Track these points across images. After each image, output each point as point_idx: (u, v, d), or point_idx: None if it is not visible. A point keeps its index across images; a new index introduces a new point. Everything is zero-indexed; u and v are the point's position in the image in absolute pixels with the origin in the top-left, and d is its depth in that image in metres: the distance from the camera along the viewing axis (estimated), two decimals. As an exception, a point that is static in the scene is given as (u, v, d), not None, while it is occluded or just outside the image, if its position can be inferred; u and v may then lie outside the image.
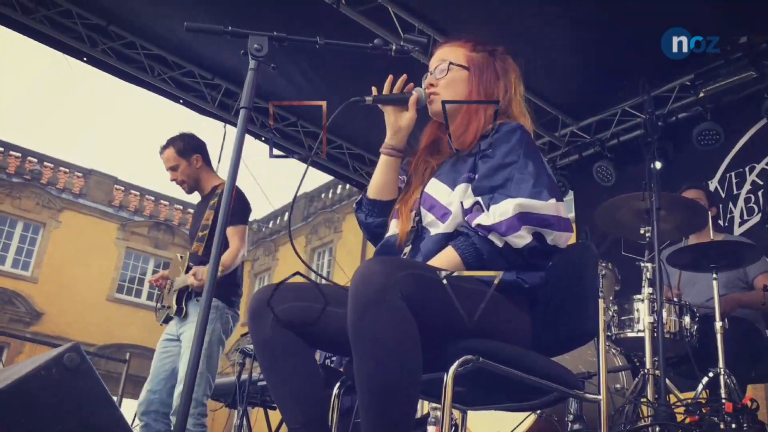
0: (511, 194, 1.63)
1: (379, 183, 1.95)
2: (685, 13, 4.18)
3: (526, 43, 4.79)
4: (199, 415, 3.20)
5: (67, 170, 19.49)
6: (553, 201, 1.63)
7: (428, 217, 1.78)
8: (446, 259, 1.64)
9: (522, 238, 1.60)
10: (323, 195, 19.92)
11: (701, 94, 4.87)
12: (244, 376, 4.19)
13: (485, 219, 1.64)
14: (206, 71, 5.77)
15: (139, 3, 5.15)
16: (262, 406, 4.43)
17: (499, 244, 1.62)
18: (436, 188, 1.81)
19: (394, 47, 1.76)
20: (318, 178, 19.89)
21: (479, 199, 1.69)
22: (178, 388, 3.20)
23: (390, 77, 1.90)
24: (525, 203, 1.61)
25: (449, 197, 1.76)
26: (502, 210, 1.62)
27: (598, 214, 3.51)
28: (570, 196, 6.53)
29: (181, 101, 5.92)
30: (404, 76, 1.91)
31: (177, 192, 3.82)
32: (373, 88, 1.90)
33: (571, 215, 7.47)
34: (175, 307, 3.43)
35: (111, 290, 18.53)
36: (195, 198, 3.82)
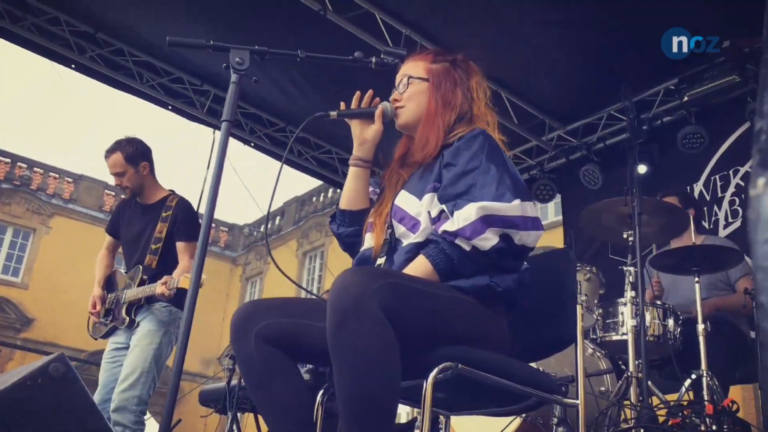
0: (474, 199, 1.66)
1: (349, 194, 1.99)
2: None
3: (513, 48, 4.84)
4: (140, 413, 3.20)
5: (57, 176, 19.45)
6: (517, 202, 1.65)
7: (400, 229, 1.81)
8: (418, 267, 1.66)
9: (488, 240, 1.63)
10: (314, 199, 19.93)
11: (686, 98, 4.91)
12: (234, 381, 4.20)
13: (450, 225, 1.66)
14: (195, 77, 5.78)
15: (127, 10, 5.15)
16: (253, 411, 4.43)
17: (467, 248, 1.64)
18: (405, 200, 1.84)
19: (374, 60, 1.79)
20: (309, 182, 19.88)
21: (444, 206, 1.73)
22: (121, 386, 3.20)
23: (357, 93, 1.94)
24: (487, 206, 1.64)
25: (417, 207, 1.79)
26: (466, 215, 1.64)
27: (582, 218, 3.55)
28: (557, 200, 6.58)
29: (170, 107, 5.93)
30: (370, 92, 1.95)
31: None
32: (342, 104, 1.94)
33: (559, 218, 7.48)
34: (127, 319, 3.41)
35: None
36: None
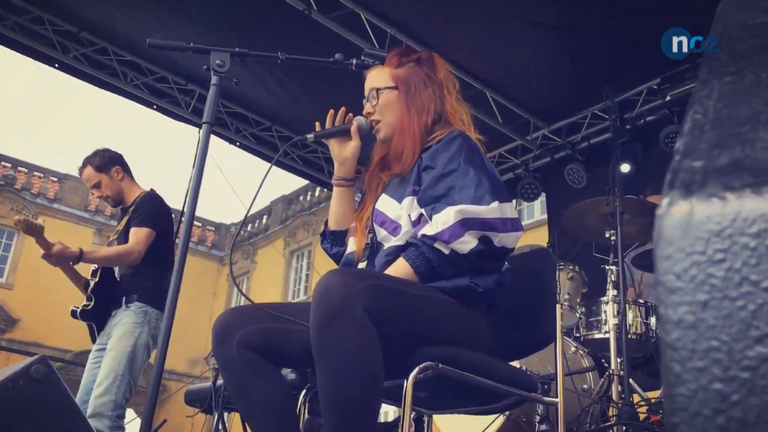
0: (453, 202, 1.66)
1: (337, 214, 1.99)
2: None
3: (498, 48, 4.87)
4: (117, 418, 3.17)
5: (42, 175, 19.33)
6: (495, 204, 1.65)
7: (381, 233, 1.82)
8: (399, 270, 1.67)
9: (467, 244, 1.63)
10: (301, 198, 19.91)
11: (668, 98, 4.96)
12: (220, 381, 4.19)
13: (429, 229, 1.66)
14: (179, 77, 5.77)
15: (111, 9, 5.14)
16: (238, 411, 4.42)
17: (446, 251, 1.64)
18: (385, 204, 1.84)
19: (354, 62, 1.80)
20: (295, 181, 19.88)
21: (423, 210, 1.73)
22: (96, 391, 3.18)
23: (331, 112, 1.92)
24: (466, 209, 1.63)
25: (397, 211, 1.79)
26: (444, 218, 1.64)
27: (564, 218, 3.57)
28: (544, 198, 6.62)
29: (155, 107, 5.91)
30: (343, 109, 1.94)
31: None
32: (317, 124, 1.94)
33: (544, 217, 7.50)
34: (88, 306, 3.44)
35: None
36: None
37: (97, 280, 3.49)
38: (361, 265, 1.83)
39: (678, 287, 0.32)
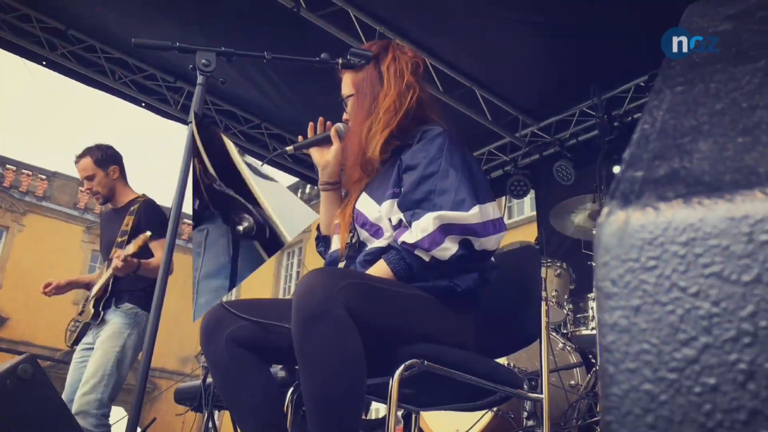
0: (433, 207, 1.65)
1: (326, 219, 2.01)
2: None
3: (486, 46, 4.88)
4: (102, 416, 3.17)
5: (30, 173, 19.22)
6: (476, 209, 1.63)
7: (363, 234, 1.81)
8: (378, 272, 1.67)
9: (447, 250, 1.62)
10: (292, 195, 19.88)
11: (655, 95, 4.99)
12: (210, 379, 4.19)
13: (409, 236, 1.65)
14: (168, 74, 5.75)
15: (98, 6, 5.11)
16: (227, 408, 4.42)
17: (426, 258, 1.64)
18: (365, 204, 1.83)
19: (340, 61, 1.80)
20: (285, 179, 19.83)
21: (402, 216, 1.72)
22: (82, 389, 3.17)
23: (311, 124, 1.95)
24: (445, 216, 1.62)
25: (377, 213, 1.78)
26: (424, 225, 1.63)
27: (552, 215, 3.60)
28: (532, 195, 6.64)
29: (143, 105, 5.89)
30: (321, 119, 1.96)
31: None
32: (300, 137, 1.97)
33: (534, 214, 7.52)
34: (92, 311, 3.41)
35: (77, 293, 18.26)
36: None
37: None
38: (341, 265, 1.83)
39: (613, 293, 0.33)
